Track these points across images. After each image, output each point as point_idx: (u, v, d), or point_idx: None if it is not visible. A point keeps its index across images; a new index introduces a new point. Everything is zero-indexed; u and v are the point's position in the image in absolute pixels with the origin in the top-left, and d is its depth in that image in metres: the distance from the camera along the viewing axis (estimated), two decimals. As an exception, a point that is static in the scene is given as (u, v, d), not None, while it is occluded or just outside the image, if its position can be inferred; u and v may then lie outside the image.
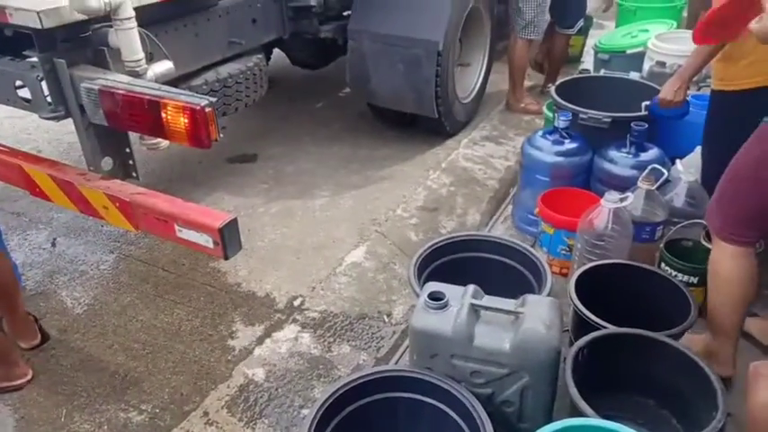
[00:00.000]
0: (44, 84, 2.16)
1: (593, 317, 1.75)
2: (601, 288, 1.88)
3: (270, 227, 2.91)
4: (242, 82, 2.81)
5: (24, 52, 2.29)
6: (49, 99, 2.19)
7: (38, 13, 1.95)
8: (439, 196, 3.13)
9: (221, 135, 1.89)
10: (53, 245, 2.84)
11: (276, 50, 4.17)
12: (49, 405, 1.99)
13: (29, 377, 2.06)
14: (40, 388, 2.05)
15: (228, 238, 1.86)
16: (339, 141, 3.74)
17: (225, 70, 2.74)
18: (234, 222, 1.87)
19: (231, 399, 1.99)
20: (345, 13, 3.39)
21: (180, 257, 2.68)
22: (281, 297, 2.45)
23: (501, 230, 2.84)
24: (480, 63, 3.93)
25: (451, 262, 2.11)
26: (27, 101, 2.26)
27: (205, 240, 1.90)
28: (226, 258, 1.94)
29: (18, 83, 2.23)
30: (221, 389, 2.03)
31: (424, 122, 3.59)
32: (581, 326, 1.80)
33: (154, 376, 2.10)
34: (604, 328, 1.72)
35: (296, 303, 2.41)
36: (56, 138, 3.84)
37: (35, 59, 2.20)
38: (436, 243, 2.11)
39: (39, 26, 1.97)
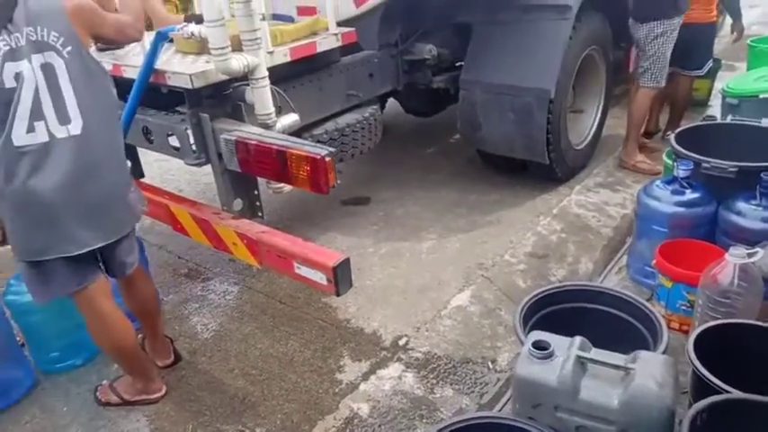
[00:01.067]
0: (190, 134, 2.48)
1: (713, 379, 1.63)
2: (725, 349, 1.75)
3: (379, 267, 3.04)
4: (358, 131, 3.01)
5: (177, 108, 2.64)
6: (194, 147, 2.50)
7: (190, 75, 2.27)
8: (549, 243, 3.09)
9: (338, 181, 2.05)
10: (187, 274, 3.16)
11: (390, 99, 4.39)
12: (178, 420, 2.20)
13: (163, 392, 2.29)
14: (172, 404, 2.27)
15: (341, 277, 2.00)
16: (447, 186, 3.83)
17: (343, 120, 2.96)
18: (346, 262, 2.01)
19: (337, 431, 2.07)
20: (457, 64, 3.52)
21: (296, 292, 2.87)
22: (386, 335, 2.54)
23: (615, 281, 2.73)
24: (595, 109, 3.87)
25: (560, 312, 2.07)
26: (176, 149, 2.60)
27: (320, 278, 2.05)
28: (337, 295, 2.08)
29: (169, 133, 2.58)
30: (328, 420, 2.13)
31: (535, 168, 3.58)
32: (701, 388, 1.68)
33: (268, 402, 2.25)
34: (728, 392, 1.59)
35: (401, 342, 2.48)
36: (194, 179, 4.30)
37: (184, 114, 2.54)
38: (544, 291, 2.08)
39: (190, 86, 2.30)
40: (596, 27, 3.55)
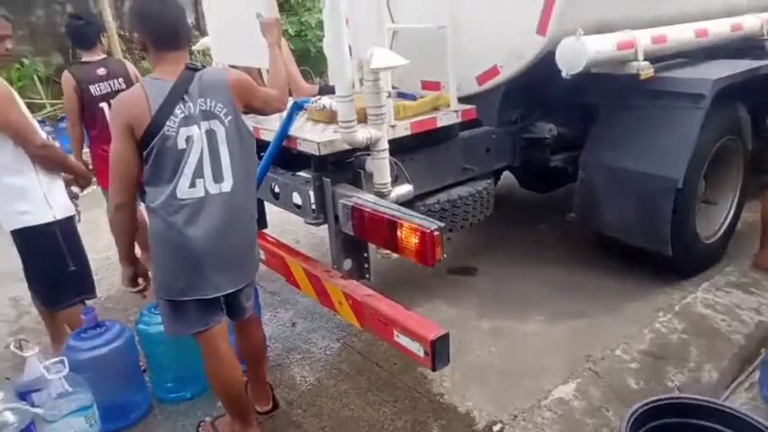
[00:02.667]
0: (312, 195, 2.67)
1: None
2: None
3: (478, 343, 2.98)
4: (470, 203, 3.04)
5: (302, 170, 2.85)
6: (313, 207, 2.68)
7: (318, 143, 2.47)
8: (668, 343, 2.85)
9: (445, 255, 2.08)
10: (293, 325, 3.31)
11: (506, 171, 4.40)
12: (267, 470, 2.27)
13: None
14: (264, 452, 2.35)
15: (439, 352, 2.00)
16: (559, 266, 3.70)
17: (456, 192, 3.01)
18: (446, 337, 2.01)
19: None
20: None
21: (393, 357, 2.89)
22: (480, 417, 2.45)
23: (743, 399, 2.44)
24: (729, 202, 3.58)
25: (676, 426, 1.89)
26: (298, 206, 2.80)
27: (417, 349, 2.06)
28: (433, 370, 2.07)
29: (294, 193, 2.78)
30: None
31: (656, 259, 3.35)
32: None
33: (353, 467, 2.25)
34: None
35: (495, 429, 2.38)
36: (310, 232, 4.52)
37: (308, 176, 2.74)
38: (660, 399, 1.91)
39: (317, 153, 2.49)
40: (733, 116, 3.35)
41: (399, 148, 2.64)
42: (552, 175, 3.84)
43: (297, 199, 2.78)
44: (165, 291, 2.05)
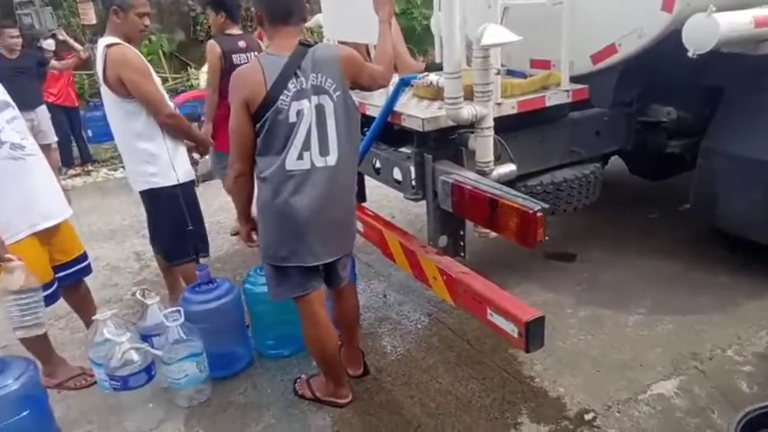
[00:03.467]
0: (413, 171, 2.70)
1: None
2: None
3: (575, 330, 2.90)
4: (575, 187, 2.94)
5: (401, 148, 2.88)
6: (413, 183, 2.71)
7: (423, 119, 2.48)
8: (787, 347, 2.62)
9: (546, 238, 2.04)
10: (385, 296, 3.40)
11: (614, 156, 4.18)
12: (356, 429, 2.37)
13: (349, 399, 2.50)
14: (354, 412, 2.46)
15: (533, 333, 1.98)
16: (668, 257, 3.49)
17: (561, 175, 2.92)
18: (541, 320, 1.98)
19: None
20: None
21: (484, 336, 2.89)
22: (572, 405, 2.40)
23: None
24: None
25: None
26: (398, 182, 2.85)
27: (511, 329, 2.05)
28: (527, 351, 2.05)
29: (395, 168, 2.83)
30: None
31: (779, 256, 3.07)
32: None
33: (440, 439, 2.30)
34: None
35: (587, 417, 2.33)
36: (407, 208, 4.59)
37: (409, 152, 2.76)
38: (772, 405, 1.79)
39: (421, 129, 2.51)
40: None
41: (504, 126, 2.59)
42: (667, 161, 3.59)
43: (397, 174, 2.82)
44: (271, 256, 2.18)
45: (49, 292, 2.53)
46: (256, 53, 3.87)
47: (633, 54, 2.85)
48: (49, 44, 6.72)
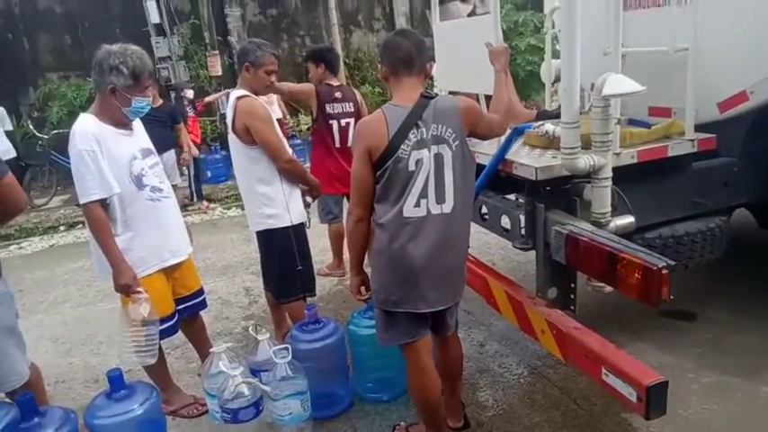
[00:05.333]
0: (523, 220, 2.65)
1: None
2: None
3: (697, 398, 2.65)
4: (698, 241, 2.74)
5: (508, 196, 2.85)
6: (523, 232, 2.66)
7: (536, 168, 2.45)
8: None
9: (672, 297, 1.91)
10: (481, 346, 3.30)
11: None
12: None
13: None
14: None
15: (654, 399, 1.85)
16: (805, 323, 3.12)
17: (682, 228, 2.74)
18: (664, 385, 1.85)
19: None
20: None
21: (593, 396, 2.72)
22: (695, 482, 2.18)
23: None
24: None
25: None
26: (506, 230, 2.81)
27: (629, 392, 1.92)
28: (647, 418, 1.91)
29: (503, 216, 2.80)
30: None
31: None
32: None
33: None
34: None
35: (714, 498, 2.10)
36: (507, 255, 4.50)
37: (519, 200, 2.73)
38: None
39: (533, 178, 2.48)
40: None
41: (623, 176, 2.49)
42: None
43: (505, 222, 2.79)
44: (381, 300, 2.21)
45: (170, 323, 2.72)
46: (352, 103, 4.15)
47: (767, 101, 2.66)
48: (189, 93, 7.86)
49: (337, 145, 4.14)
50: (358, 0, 10.74)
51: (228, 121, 2.92)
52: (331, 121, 4.10)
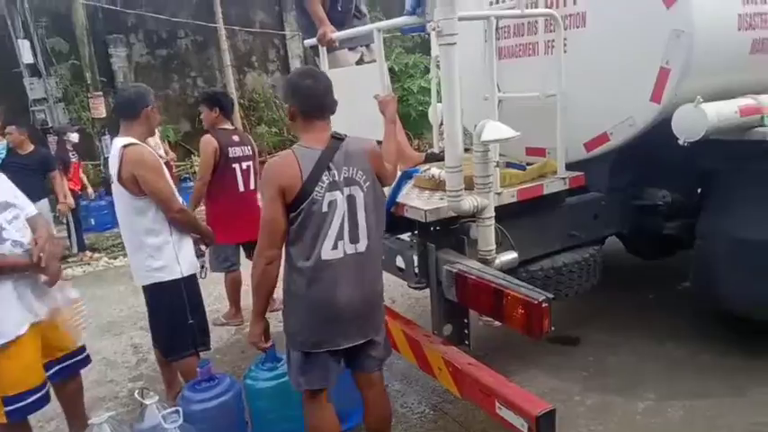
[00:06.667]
0: (416, 260, 2.72)
1: None
2: None
3: (584, 420, 2.81)
4: (576, 271, 2.95)
5: (402, 236, 2.92)
6: (416, 272, 2.73)
7: (425, 211, 2.54)
8: (807, 434, 2.54)
9: (553, 328, 2.03)
10: (386, 386, 3.30)
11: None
12: None
13: None
14: None
15: (544, 428, 1.92)
16: (673, 339, 3.44)
17: (561, 259, 2.94)
18: (552, 413, 1.94)
19: None
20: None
21: (491, 428, 2.78)
22: (587, 503, 2.29)
23: None
24: None
25: None
26: (401, 269, 2.86)
27: (521, 424, 2.00)
28: (538, 449, 1.98)
29: (398, 257, 2.85)
30: None
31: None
32: None
33: None
34: None
35: None
36: (406, 292, 4.54)
37: (411, 240, 2.80)
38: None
39: (423, 219, 2.56)
40: None
41: (504, 214, 2.64)
42: (664, 242, 3.64)
43: (400, 262, 2.84)
44: (300, 342, 2.16)
45: (41, 394, 2.46)
46: (249, 147, 4.09)
47: (625, 142, 2.96)
48: (74, 137, 7.38)
49: (241, 189, 4.04)
50: (251, 42, 10.73)
51: (114, 171, 2.72)
52: (234, 165, 3.99)
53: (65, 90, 8.46)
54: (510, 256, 2.59)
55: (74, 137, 7.50)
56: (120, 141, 2.73)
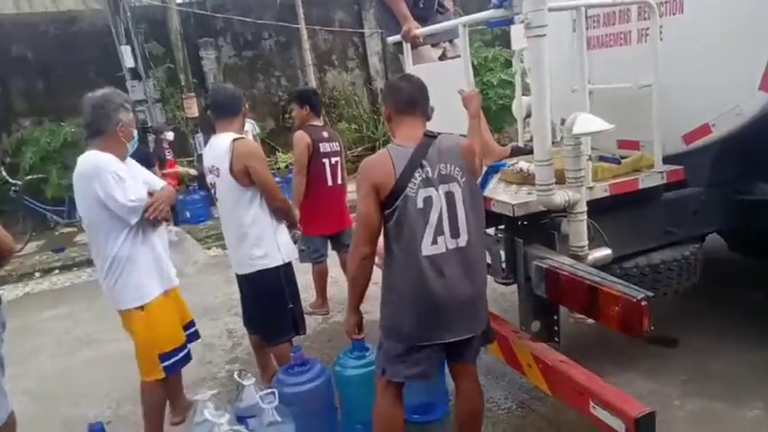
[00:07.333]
0: (503, 255, 2.70)
1: None
2: None
3: (684, 425, 2.69)
4: (674, 269, 2.82)
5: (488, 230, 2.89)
6: (503, 267, 2.70)
7: (513, 205, 2.51)
8: None
9: (652, 327, 1.95)
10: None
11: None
12: None
13: None
14: None
15: (643, 431, 1.86)
16: (781, 345, 3.19)
17: (658, 256, 2.81)
18: (652, 416, 1.88)
19: None
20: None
21: (582, 427, 2.71)
22: None
23: None
24: None
25: None
26: (488, 265, 2.84)
27: (618, 425, 1.95)
28: (636, 451, 1.92)
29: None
30: None
31: None
32: None
33: None
34: None
35: None
36: (492, 286, 4.37)
37: (500, 236, 2.78)
38: None
39: (511, 214, 2.53)
40: None
41: (597, 209, 2.57)
42: (773, 240, 3.38)
43: (487, 257, 2.82)
44: (406, 337, 2.20)
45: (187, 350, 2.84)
46: (337, 143, 4.21)
47: (729, 133, 2.78)
48: (170, 135, 8.02)
49: (329, 183, 4.18)
50: (332, 41, 10.96)
51: (224, 164, 2.86)
52: (324, 160, 4.14)
53: (161, 91, 9.03)
54: (603, 252, 2.50)
55: (170, 135, 8.06)
56: (226, 137, 2.89)
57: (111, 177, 2.48)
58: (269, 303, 3.01)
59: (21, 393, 3.76)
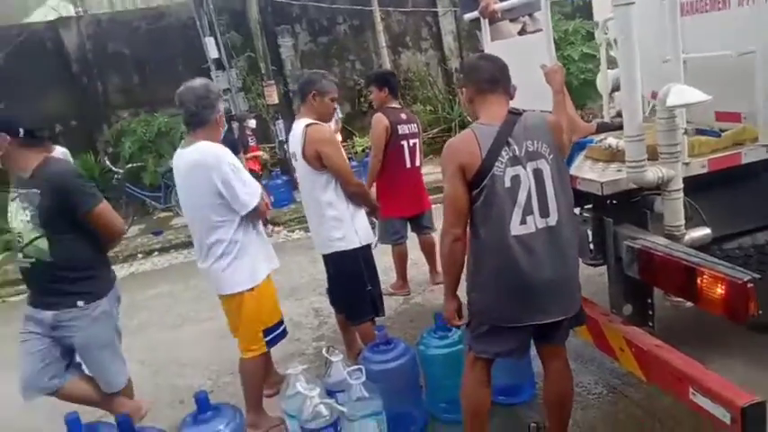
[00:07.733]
0: (590, 235, 2.62)
1: None
2: None
3: (793, 416, 2.50)
4: (782, 250, 2.61)
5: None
6: (591, 248, 2.62)
7: (601, 183, 2.42)
8: None
9: (761, 311, 1.84)
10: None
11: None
12: None
13: None
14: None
15: (751, 421, 1.77)
16: None
17: (764, 237, 2.62)
18: (761, 406, 1.77)
19: None
20: None
21: (679, 415, 2.60)
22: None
23: None
24: None
25: None
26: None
27: (722, 414, 1.86)
28: (743, 441, 1.82)
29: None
30: None
31: None
32: None
33: None
34: None
35: None
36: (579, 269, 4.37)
37: (586, 215, 2.69)
38: None
39: (599, 193, 2.44)
40: None
41: (693, 186, 2.43)
42: None
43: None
44: (496, 318, 2.19)
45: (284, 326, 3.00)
46: (415, 125, 4.20)
47: None
48: (252, 123, 8.37)
49: (408, 165, 4.20)
50: (405, 22, 10.88)
51: (298, 148, 2.98)
52: (402, 142, 4.16)
53: (243, 80, 9.37)
54: (702, 232, 2.37)
55: (252, 123, 8.35)
56: (301, 122, 3.01)
57: (230, 169, 2.58)
58: (348, 285, 3.11)
59: (134, 362, 4.12)
